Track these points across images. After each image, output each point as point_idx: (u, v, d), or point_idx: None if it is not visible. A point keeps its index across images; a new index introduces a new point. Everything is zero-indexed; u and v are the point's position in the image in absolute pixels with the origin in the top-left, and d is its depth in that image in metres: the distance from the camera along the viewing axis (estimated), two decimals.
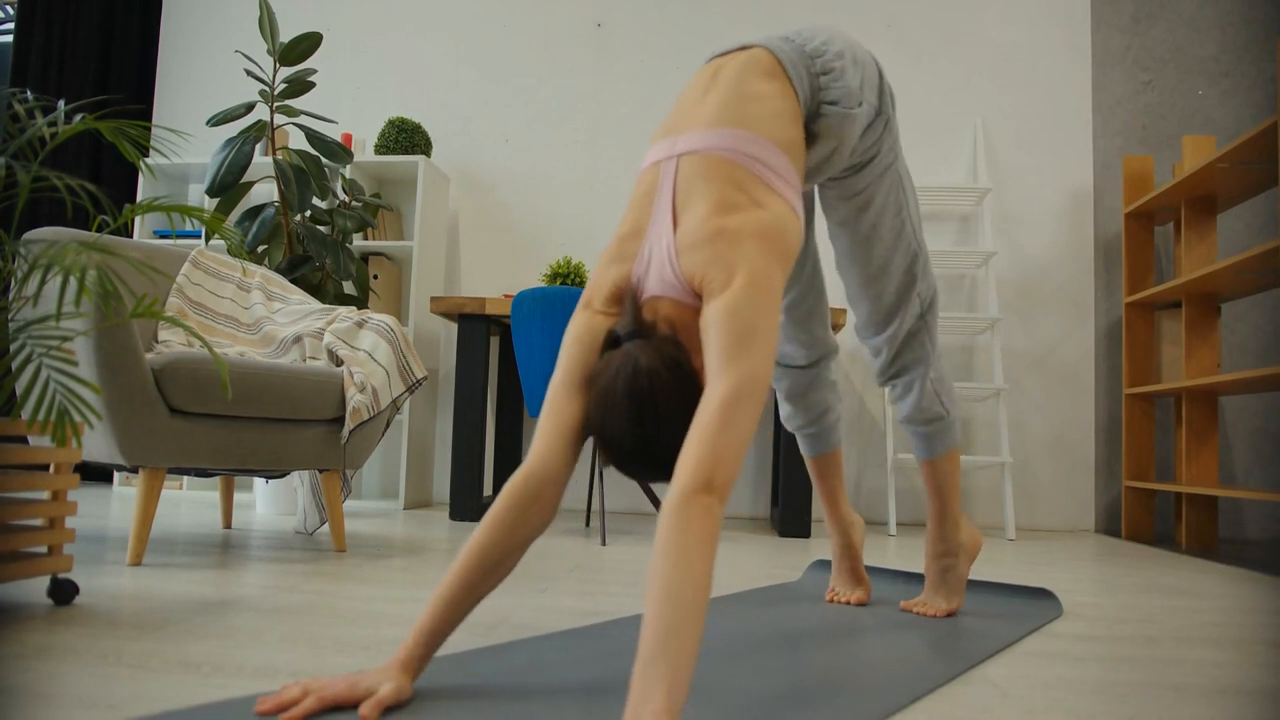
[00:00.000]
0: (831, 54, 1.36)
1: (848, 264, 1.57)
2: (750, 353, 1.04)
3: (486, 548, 1.07)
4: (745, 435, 1.00)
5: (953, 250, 3.63)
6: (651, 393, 1.06)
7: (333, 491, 2.34)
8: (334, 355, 2.40)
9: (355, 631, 1.42)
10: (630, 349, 1.09)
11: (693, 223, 1.15)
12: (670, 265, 1.15)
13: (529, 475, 1.11)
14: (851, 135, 1.37)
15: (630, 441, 1.07)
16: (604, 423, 1.08)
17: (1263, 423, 3.71)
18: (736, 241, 1.12)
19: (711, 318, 1.07)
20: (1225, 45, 3.85)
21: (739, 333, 1.04)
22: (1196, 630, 1.68)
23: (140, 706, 0.99)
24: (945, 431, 1.64)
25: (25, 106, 1.55)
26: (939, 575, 1.69)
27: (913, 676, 1.22)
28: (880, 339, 1.61)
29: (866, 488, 3.88)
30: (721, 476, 0.97)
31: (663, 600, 0.88)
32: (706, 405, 1.01)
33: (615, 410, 1.07)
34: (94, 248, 1.46)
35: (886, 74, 3.98)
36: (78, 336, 1.91)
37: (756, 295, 1.07)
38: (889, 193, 1.49)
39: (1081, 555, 2.88)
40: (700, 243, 1.13)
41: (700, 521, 0.93)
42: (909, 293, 1.57)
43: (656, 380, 1.06)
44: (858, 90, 1.36)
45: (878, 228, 1.50)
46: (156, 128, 1.27)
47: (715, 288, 1.09)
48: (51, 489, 1.51)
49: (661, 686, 0.83)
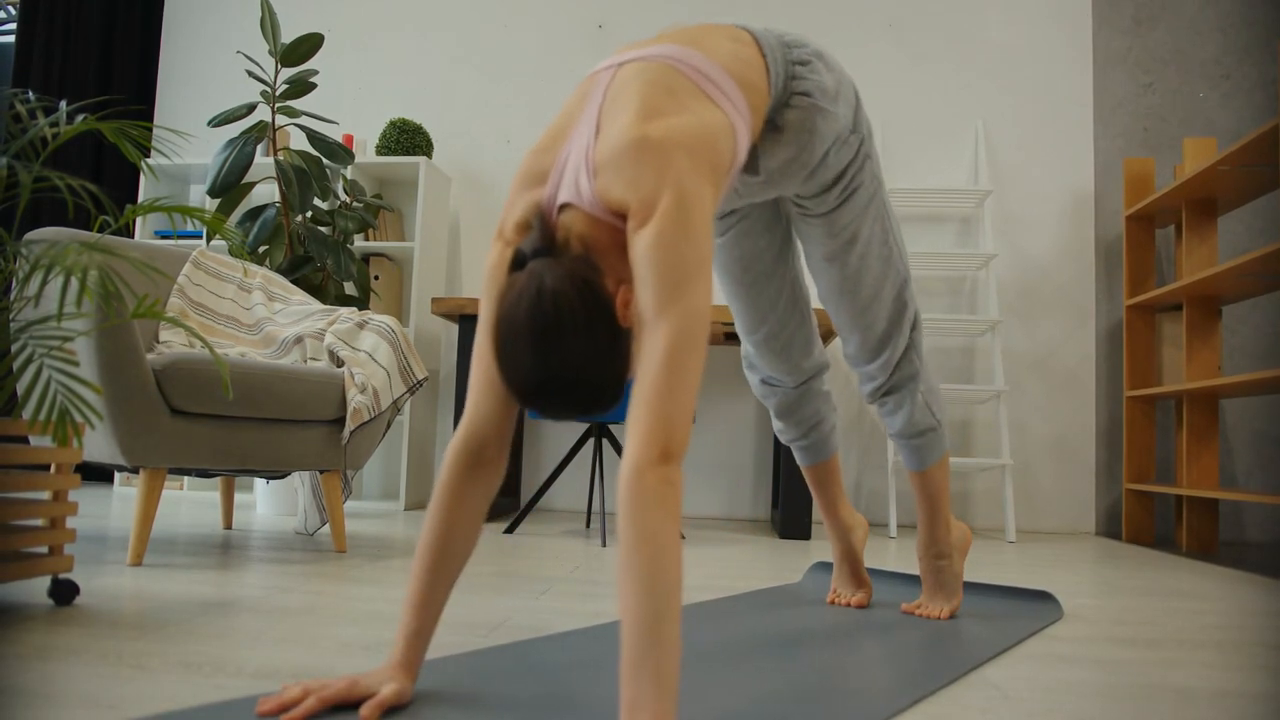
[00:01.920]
0: (810, 50, 1.31)
1: (836, 298, 1.51)
2: (686, 293, 0.96)
3: (441, 527, 1.05)
4: (693, 387, 0.95)
5: (953, 252, 3.63)
6: (557, 317, 0.95)
7: (333, 492, 2.34)
8: (335, 356, 2.40)
9: (356, 632, 1.42)
10: (535, 267, 0.98)
11: (613, 130, 1.05)
12: (586, 177, 1.04)
13: (467, 438, 1.07)
14: (821, 136, 1.30)
15: (534, 373, 0.96)
16: (505, 352, 0.97)
17: (1264, 425, 3.71)
18: (660, 155, 1.01)
19: (640, 252, 0.98)
20: (1226, 47, 3.86)
21: (672, 271, 0.96)
22: (1197, 633, 1.67)
23: (141, 707, 0.99)
24: (937, 442, 1.62)
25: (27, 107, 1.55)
26: (935, 576, 1.69)
27: (913, 679, 1.22)
28: (874, 366, 1.57)
29: (867, 490, 3.88)
30: (677, 440, 0.92)
31: (639, 593, 0.85)
32: (648, 362, 0.94)
33: (516, 338, 0.96)
34: (95, 248, 1.46)
35: (886, 77, 3.99)
36: (79, 337, 1.91)
37: (686, 222, 0.98)
38: (874, 222, 1.44)
39: (1082, 557, 2.87)
40: (620, 156, 1.02)
41: (661, 497, 0.89)
42: (901, 318, 1.53)
43: (563, 303, 0.95)
44: (833, 92, 1.30)
45: (866, 259, 1.45)
46: (158, 128, 1.27)
47: (638, 211, 0.99)
48: (52, 489, 1.51)
49: (653, 689, 0.82)
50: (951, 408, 3.87)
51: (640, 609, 0.85)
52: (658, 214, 0.98)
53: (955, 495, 3.85)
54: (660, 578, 0.86)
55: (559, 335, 0.95)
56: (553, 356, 0.95)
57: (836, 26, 4.06)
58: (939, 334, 3.87)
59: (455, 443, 1.07)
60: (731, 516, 3.94)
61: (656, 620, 0.84)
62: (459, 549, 1.06)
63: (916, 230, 3.96)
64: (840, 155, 1.35)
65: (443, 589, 1.06)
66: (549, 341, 0.95)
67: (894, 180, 3.96)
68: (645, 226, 0.99)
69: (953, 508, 3.84)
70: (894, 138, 3.99)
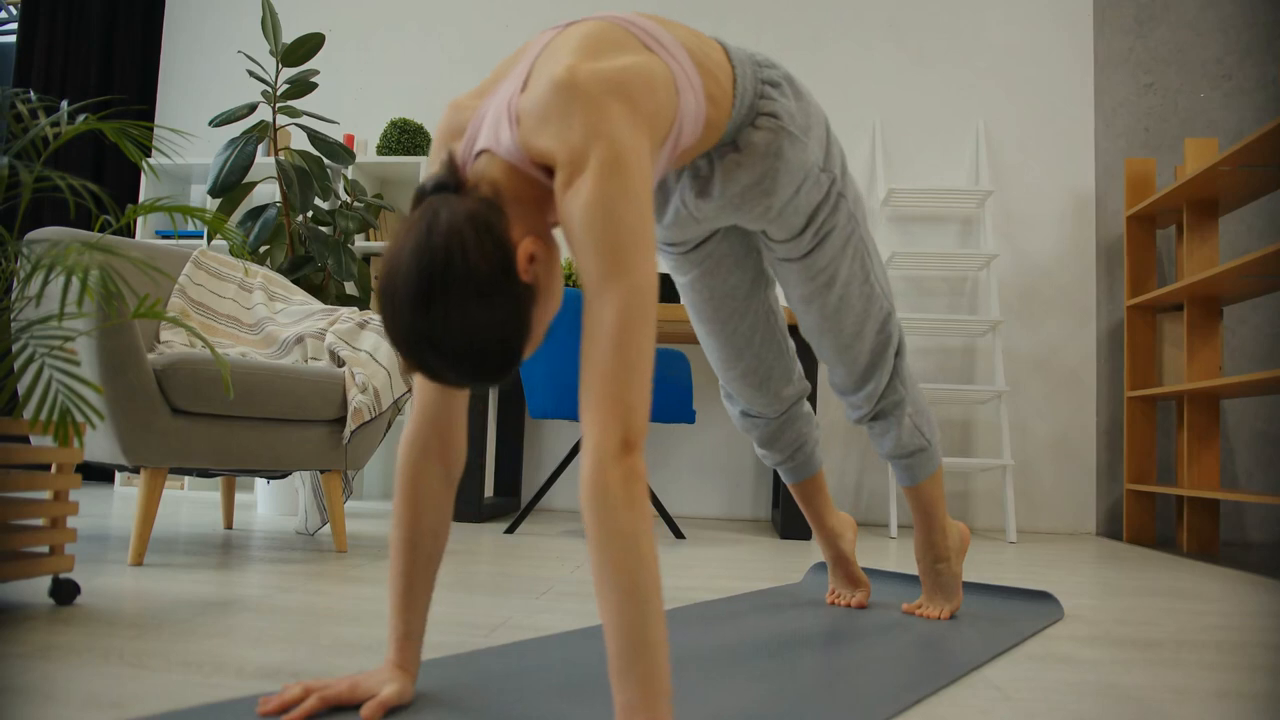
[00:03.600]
0: (780, 73, 1.22)
1: (817, 336, 1.47)
2: (631, 263, 0.88)
3: (405, 525, 1.04)
4: (647, 368, 0.87)
5: (954, 252, 3.63)
6: (446, 259, 0.84)
7: (334, 492, 2.34)
8: (335, 356, 2.40)
9: (357, 632, 1.42)
10: (433, 202, 0.89)
11: (541, 78, 0.96)
12: (508, 124, 0.95)
13: (413, 430, 1.04)
14: (789, 164, 1.21)
15: (413, 327, 0.85)
16: (385, 299, 0.86)
17: (1264, 426, 3.71)
18: (590, 102, 0.91)
19: (575, 216, 0.89)
20: (1228, 48, 3.85)
21: (613, 237, 0.87)
22: (1198, 633, 1.67)
23: (142, 706, 0.99)
24: (927, 460, 1.61)
25: (28, 106, 1.55)
26: (934, 578, 1.69)
27: (914, 679, 1.22)
28: (859, 396, 1.54)
29: (868, 490, 3.88)
30: (636, 427, 0.85)
31: (620, 600, 0.82)
32: (597, 342, 0.86)
33: (397, 282, 0.85)
34: (96, 248, 1.46)
35: (887, 77, 3.99)
36: (80, 336, 1.92)
37: (624, 179, 0.89)
38: (853, 261, 1.38)
39: (1083, 558, 2.87)
40: (545, 103, 0.93)
41: (629, 494, 0.83)
42: (885, 351, 1.49)
43: (454, 243, 0.85)
44: (803, 121, 1.22)
45: (846, 299, 1.40)
46: (159, 128, 1.27)
47: (567, 164, 0.90)
48: (53, 489, 1.51)
49: (644, 692, 0.81)
50: (952, 408, 3.87)
51: (623, 615, 0.82)
52: (591, 170, 0.89)
53: (956, 495, 3.85)
54: (639, 581, 0.82)
55: (445, 282, 0.84)
56: (435, 306, 0.84)
57: (836, 26, 4.06)
58: (940, 334, 3.87)
59: (404, 436, 1.05)
60: (732, 516, 3.94)
61: (641, 624, 0.81)
62: (427, 543, 1.05)
63: (917, 231, 3.96)
64: (810, 195, 1.27)
65: (422, 587, 1.05)
66: (433, 287, 0.84)
67: (895, 180, 3.96)
68: (577, 184, 0.89)
69: (953, 508, 3.84)
70: (895, 138, 3.99)
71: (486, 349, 0.86)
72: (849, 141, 4.01)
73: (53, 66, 4.44)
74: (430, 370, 0.88)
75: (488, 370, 0.88)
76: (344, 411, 2.30)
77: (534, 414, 2.79)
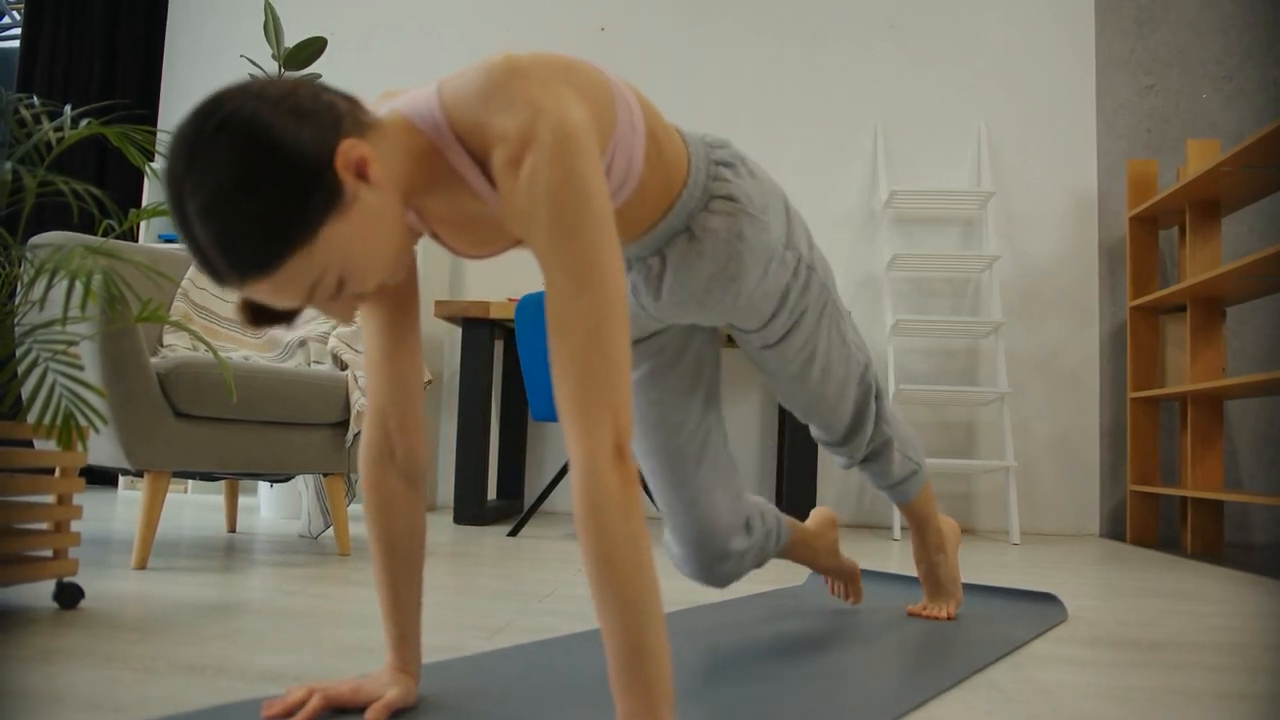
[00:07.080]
0: (732, 152, 1.15)
1: (802, 410, 1.43)
2: (597, 254, 0.83)
3: (379, 527, 1.04)
4: (626, 363, 0.83)
5: (956, 254, 3.63)
6: (254, 104, 0.77)
7: (337, 495, 2.35)
8: (338, 359, 2.40)
9: (360, 635, 1.42)
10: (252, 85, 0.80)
11: (474, 65, 0.90)
12: (435, 97, 0.89)
13: (367, 438, 1.04)
14: (752, 247, 1.14)
15: (175, 147, 0.78)
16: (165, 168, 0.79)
17: (1267, 427, 3.71)
18: (535, 80, 0.86)
19: (525, 206, 0.83)
20: (1229, 48, 3.85)
21: (573, 220, 0.82)
22: (1201, 635, 1.67)
23: (145, 709, 1.00)
24: (918, 481, 1.61)
25: (31, 111, 1.56)
26: (934, 577, 1.70)
27: (917, 681, 1.22)
28: (848, 448, 1.51)
29: (870, 493, 3.87)
30: (624, 429, 0.82)
31: (620, 610, 0.80)
32: (568, 336, 0.82)
33: (173, 141, 0.78)
34: (100, 252, 1.47)
35: (887, 78, 3.99)
36: (83, 340, 1.92)
37: (576, 160, 0.83)
38: (829, 329, 1.33)
39: (1086, 559, 2.87)
40: (480, 82, 0.87)
41: (625, 501, 0.81)
42: (868, 401, 1.46)
43: (278, 94, 0.78)
44: (760, 201, 1.15)
45: (829, 369, 1.36)
46: (162, 132, 1.27)
47: (512, 138, 0.84)
48: (57, 493, 1.51)
49: (646, 701, 0.80)
50: (955, 410, 3.87)
51: (624, 624, 0.80)
52: (542, 147, 0.83)
53: (959, 497, 3.84)
54: (640, 589, 0.81)
55: (233, 122, 0.76)
56: (208, 144, 0.76)
57: (836, 26, 4.06)
58: (942, 336, 3.87)
59: (361, 441, 1.04)
60: None
61: (641, 632, 0.80)
62: (402, 544, 1.05)
63: (919, 232, 3.96)
64: (778, 276, 1.21)
65: (407, 588, 1.05)
66: (212, 124, 0.76)
67: (896, 182, 3.96)
68: (526, 162, 0.83)
69: (956, 510, 3.84)
70: (895, 139, 3.99)
71: (241, 224, 0.76)
72: (849, 142, 4.01)
73: (56, 70, 4.45)
74: (185, 229, 0.78)
75: (235, 253, 0.77)
76: (347, 414, 2.31)
77: (536, 416, 2.79)
